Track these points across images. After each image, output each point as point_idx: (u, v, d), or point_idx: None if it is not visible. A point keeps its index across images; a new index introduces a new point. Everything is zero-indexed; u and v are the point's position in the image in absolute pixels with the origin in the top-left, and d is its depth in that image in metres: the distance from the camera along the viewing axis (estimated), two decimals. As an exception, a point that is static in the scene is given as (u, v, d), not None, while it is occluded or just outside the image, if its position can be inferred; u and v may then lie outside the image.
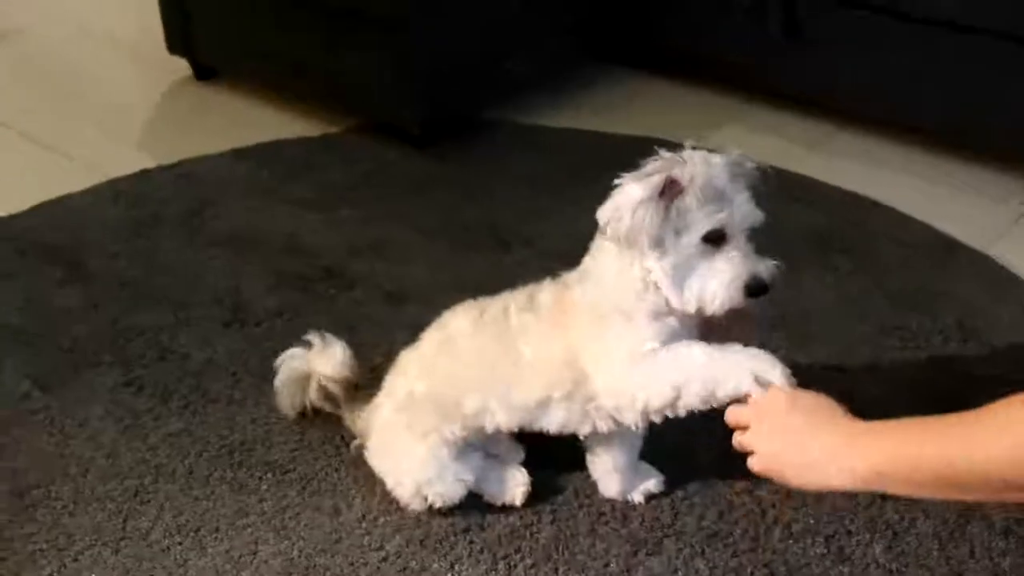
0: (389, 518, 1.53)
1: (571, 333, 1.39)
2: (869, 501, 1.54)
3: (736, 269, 1.29)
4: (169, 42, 2.84)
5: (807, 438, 1.18)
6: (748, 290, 1.30)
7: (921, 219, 2.22)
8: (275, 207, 2.33)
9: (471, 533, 1.51)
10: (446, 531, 1.51)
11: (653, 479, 1.56)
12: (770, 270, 1.31)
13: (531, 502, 1.54)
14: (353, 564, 1.47)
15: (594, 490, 1.56)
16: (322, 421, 1.69)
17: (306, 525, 1.53)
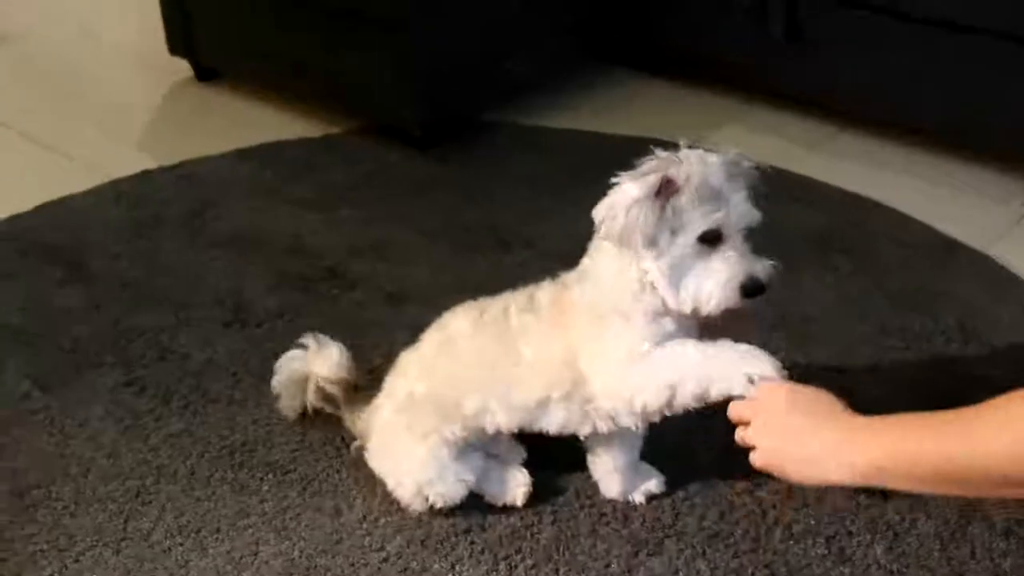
0: (390, 519, 1.53)
1: (570, 333, 1.39)
2: (870, 502, 1.54)
3: (732, 269, 1.29)
4: (170, 43, 2.84)
5: (807, 433, 1.18)
6: (744, 290, 1.29)
7: (922, 220, 2.22)
8: (276, 208, 2.33)
9: (472, 534, 1.51)
10: (447, 532, 1.51)
11: (654, 479, 1.56)
12: (767, 270, 1.31)
13: (532, 503, 1.54)
14: (354, 565, 1.47)
15: (595, 491, 1.56)
16: (323, 422, 1.69)
17: (307, 526, 1.53)
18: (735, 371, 1.28)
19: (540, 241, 2.15)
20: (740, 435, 1.25)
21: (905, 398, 1.69)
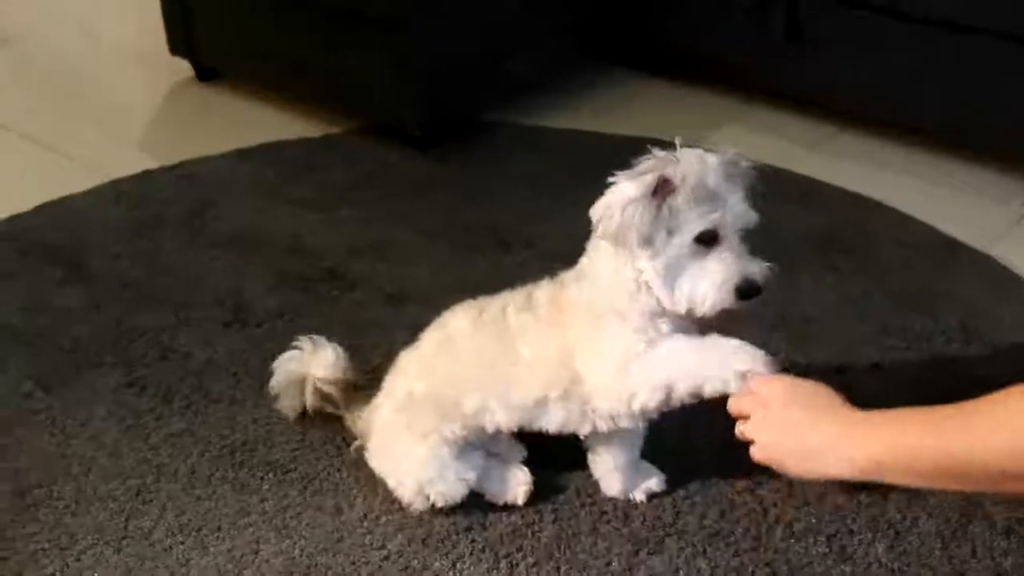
0: (391, 517, 1.53)
1: (568, 332, 1.39)
2: (871, 500, 1.54)
3: (727, 270, 1.29)
4: (171, 43, 2.84)
5: (806, 428, 1.19)
6: (740, 292, 1.29)
7: (922, 219, 2.22)
8: (277, 208, 2.33)
9: (473, 532, 1.51)
10: (448, 530, 1.51)
11: (655, 478, 1.56)
12: (763, 272, 1.30)
13: (533, 501, 1.54)
14: (355, 563, 1.47)
15: (596, 489, 1.56)
16: (323, 421, 1.69)
17: (308, 524, 1.53)
18: (727, 368, 1.29)
19: (540, 241, 2.15)
20: (740, 429, 1.26)
21: (906, 398, 1.65)
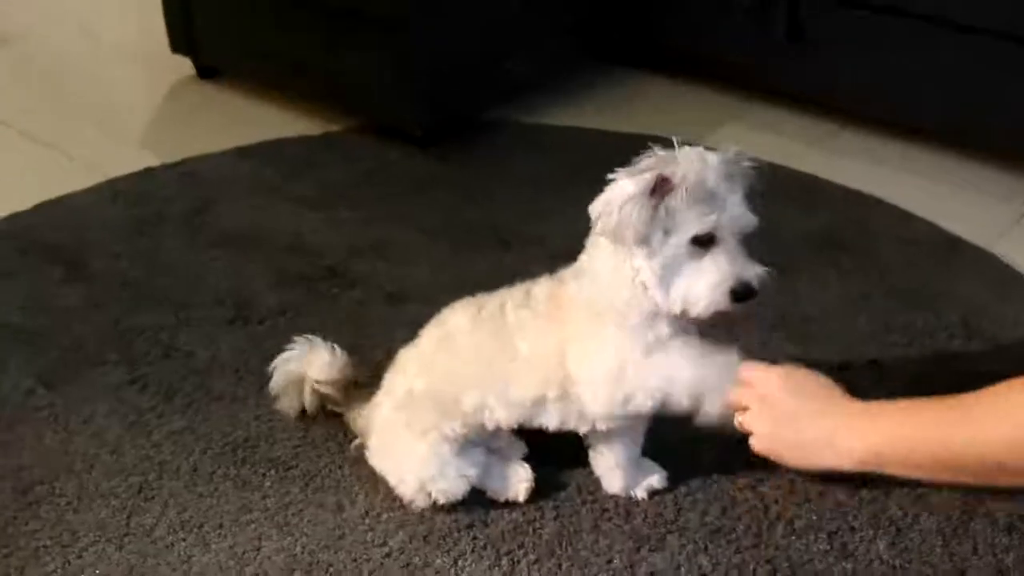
0: (392, 514, 1.53)
1: (567, 328, 1.39)
2: (872, 497, 1.54)
3: (722, 273, 1.28)
4: (172, 41, 2.84)
5: (804, 419, 1.19)
6: (734, 295, 1.28)
7: (924, 217, 2.22)
8: (277, 206, 2.33)
9: (474, 529, 1.51)
10: (449, 527, 1.51)
11: (656, 475, 1.56)
12: (759, 275, 1.29)
13: (534, 498, 1.54)
14: (356, 560, 1.47)
15: (597, 486, 1.56)
16: (324, 418, 1.68)
17: (309, 521, 1.53)
18: (723, 386, 1.31)
19: (542, 240, 2.15)
20: (738, 421, 1.26)
21: (907, 395, 1.66)
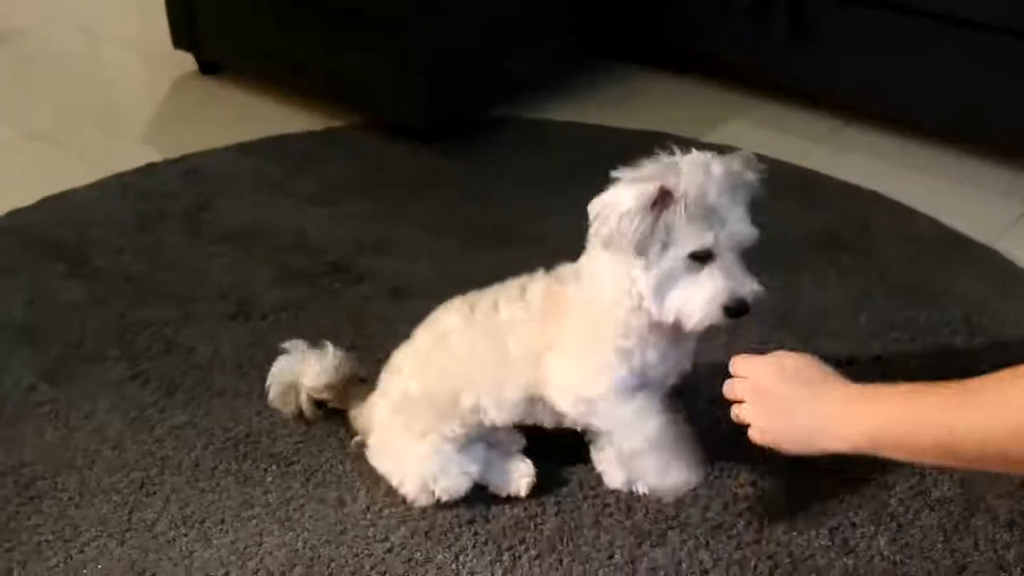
0: (394, 510, 1.53)
1: (558, 331, 1.39)
2: (873, 493, 1.54)
3: (716, 288, 1.27)
4: (174, 37, 2.84)
5: (798, 406, 1.18)
6: (728, 311, 1.28)
7: (927, 213, 2.21)
8: (280, 201, 2.33)
9: (476, 524, 1.51)
10: (451, 522, 1.51)
11: (657, 470, 1.56)
12: (755, 292, 1.28)
13: (535, 493, 1.54)
14: (358, 555, 1.47)
15: (598, 481, 1.56)
16: (326, 414, 1.68)
17: (311, 517, 1.54)
18: (662, 479, 1.41)
19: (545, 237, 2.14)
20: (735, 412, 1.24)
21: (909, 390, 1.69)
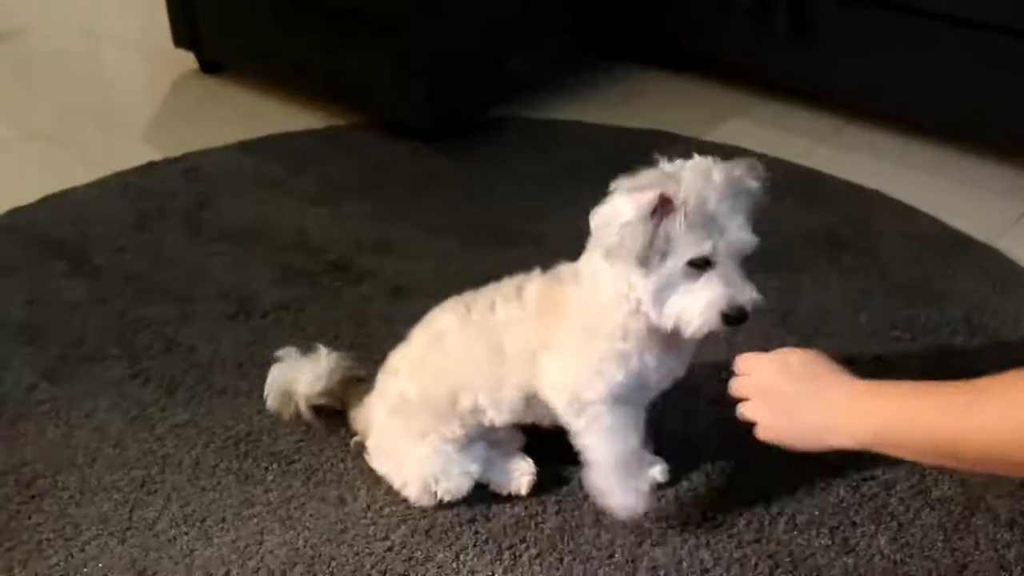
0: (394, 508, 1.54)
1: (555, 333, 1.39)
2: (874, 492, 1.54)
3: (714, 296, 1.27)
4: (175, 35, 2.84)
5: (802, 403, 1.17)
6: (726, 319, 1.28)
7: (928, 212, 2.21)
8: (280, 200, 2.33)
9: (476, 523, 1.51)
10: (451, 521, 1.51)
11: (658, 467, 1.56)
12: (753, 299, 1.28)
13: (536, 492, 1.54)
14: (358, 554, 1.48)
15: (599, 481, 1.56)
16: (327, 412, 1.68)
17: (311, 515, 1.54)
18: (607, 497, 1.44)
19: (545, 237, 2.14)
20: (740, 411, 1.24)
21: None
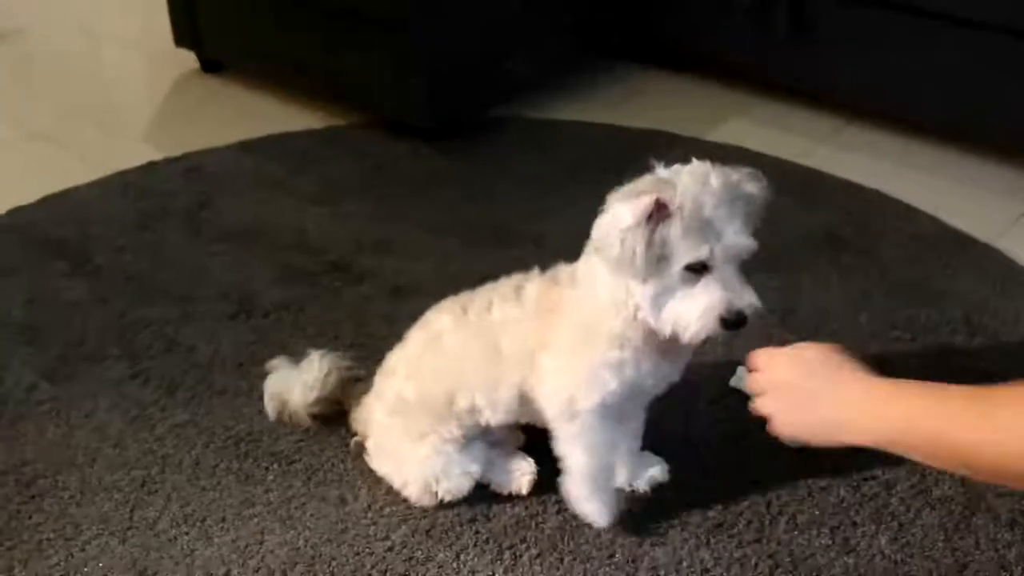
0: (395, 508, 1.54)
1: (551, 335, 1.39)
2: (874, 492, 1.54)
3: (712, 301, 1.26)
4: (176, 35, 2.84)
5: (818, 399, 1.15)
6: (725, 323, 1.27)
7: (928, 212, 2.21)
8: (281, 200, 2.33)
9: (477, 523, 1.51)
10: (452, 521, 1.51)
11: (658, 467, 1.56)
12: (752, 304, 1.27)
13: (537, 492, 1.54)
14: (359, 554, 1.48)
15: (600, 480, 1.56)
16: (327, 413, 1.68)
17: (312, 515, 1.54)
18: (573, 503, 1.47)
19: (545, 236, 2.14)
20: (753, 406, 1.23)
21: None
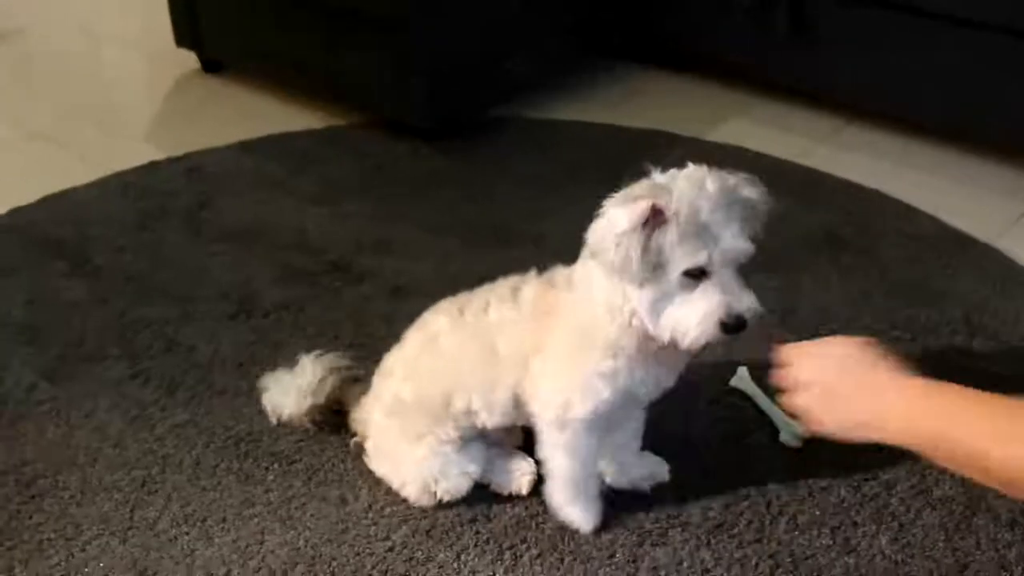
0: (395, 508, 1.54)
1: (547, 338, 1.39)
2: (875, 492, 1.54)
3: (712, 305, 1.25)
4: (177, 35, 2.83)
5: (852, 397, 1.14)
6: (725, 327, 1.26)
7: (928, 212, 2.21)
8: (281, 200, 2.33)
9: (477, 523, 1.51)
10: (452, 521, 1.51)
11: (658, 467, 1.56)
12: (751, 308, 1.26)
13: (537, 492, 1.54)
14: (359, 554, 1.48)
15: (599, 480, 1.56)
16: (327, 413, 1.68)
17: (312, 515, 1.54)
18: (556, 508, 1.48)
19: (544, 237, 2.14)
20: (785, 401, 1.21)
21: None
